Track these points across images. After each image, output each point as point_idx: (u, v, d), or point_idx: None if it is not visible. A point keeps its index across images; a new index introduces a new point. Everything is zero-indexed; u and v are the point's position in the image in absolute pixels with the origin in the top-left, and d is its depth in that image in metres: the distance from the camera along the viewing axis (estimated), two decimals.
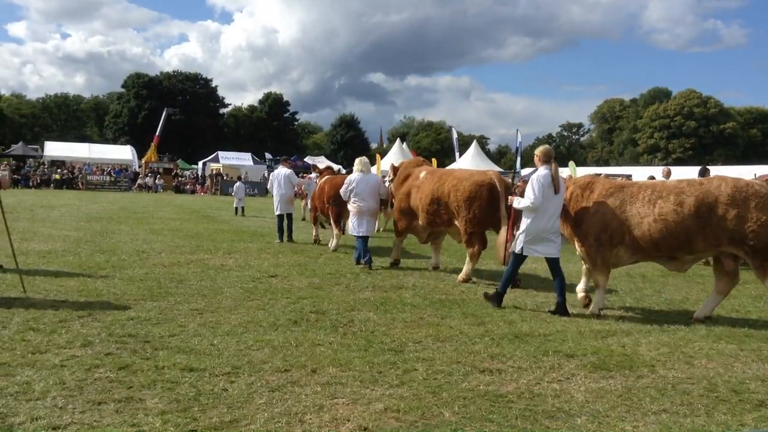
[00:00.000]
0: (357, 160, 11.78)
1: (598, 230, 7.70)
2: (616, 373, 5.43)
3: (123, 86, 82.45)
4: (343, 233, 13.16)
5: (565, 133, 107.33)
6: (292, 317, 6.98)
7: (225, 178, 46.87)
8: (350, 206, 11.34)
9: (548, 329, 6.87)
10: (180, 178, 50.38)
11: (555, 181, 7.56)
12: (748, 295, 9.42)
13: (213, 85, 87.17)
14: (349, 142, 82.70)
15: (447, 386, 4.92)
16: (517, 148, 14.93)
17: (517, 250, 7.82)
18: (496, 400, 4.65)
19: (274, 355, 5.55)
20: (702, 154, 71.47)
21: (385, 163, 28.29)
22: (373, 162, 22.93)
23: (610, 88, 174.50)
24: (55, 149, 51.48)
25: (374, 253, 12.37)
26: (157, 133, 53.80)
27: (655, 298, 9.04)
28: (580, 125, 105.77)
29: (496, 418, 4.32)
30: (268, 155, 53.21)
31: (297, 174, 16.97)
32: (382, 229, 17.21)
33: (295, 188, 15.03)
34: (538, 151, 7.84)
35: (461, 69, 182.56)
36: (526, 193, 7.71)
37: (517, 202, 7.83)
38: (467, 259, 9.86)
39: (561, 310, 7.62)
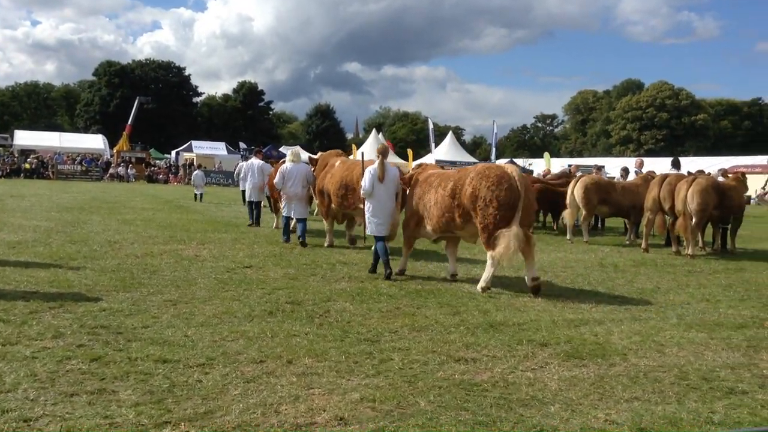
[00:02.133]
0: (288, 151, 13.40)
1: (410, 214, 9.44)
2: (589, 361, 5.49)
3: (94, 74, 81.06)
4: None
5: (540, 125, 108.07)
6: (268, 308, 6.95)
7: (199, 168, 46.37)
8: (282, 192, 12.74)
9: (522, 318, 6.93)
10: (152, 168, 49.78)
11: (380, 173, 9.25)
12: (719, 285, 9.60)
13: (186, 74, 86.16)
14: (325, 132, 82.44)
15: (422, 375, 4.94)
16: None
17: (368, 232, 9.56)
18: (470, 389, 4.67)
19: (249, 346, 5.52)
20: (673, 145, 72.51)
21: (361, 154, 28.14)
22: (349, 152, 23.05)
23: (586, 79, 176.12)
24: (24, 138, 50.71)
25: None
26: (129, 122, 53.00)
27: (627, 287, 9.15)
28: (554, 116, 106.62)
29: (471, 406, 4.35)
30: (242, 145, 52.68)
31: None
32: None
33: (266, 178, 15.99)
34: (376, 149, 9.83)
35: (437, 59, 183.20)
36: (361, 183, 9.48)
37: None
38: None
39: (386, 271, 9.04)
